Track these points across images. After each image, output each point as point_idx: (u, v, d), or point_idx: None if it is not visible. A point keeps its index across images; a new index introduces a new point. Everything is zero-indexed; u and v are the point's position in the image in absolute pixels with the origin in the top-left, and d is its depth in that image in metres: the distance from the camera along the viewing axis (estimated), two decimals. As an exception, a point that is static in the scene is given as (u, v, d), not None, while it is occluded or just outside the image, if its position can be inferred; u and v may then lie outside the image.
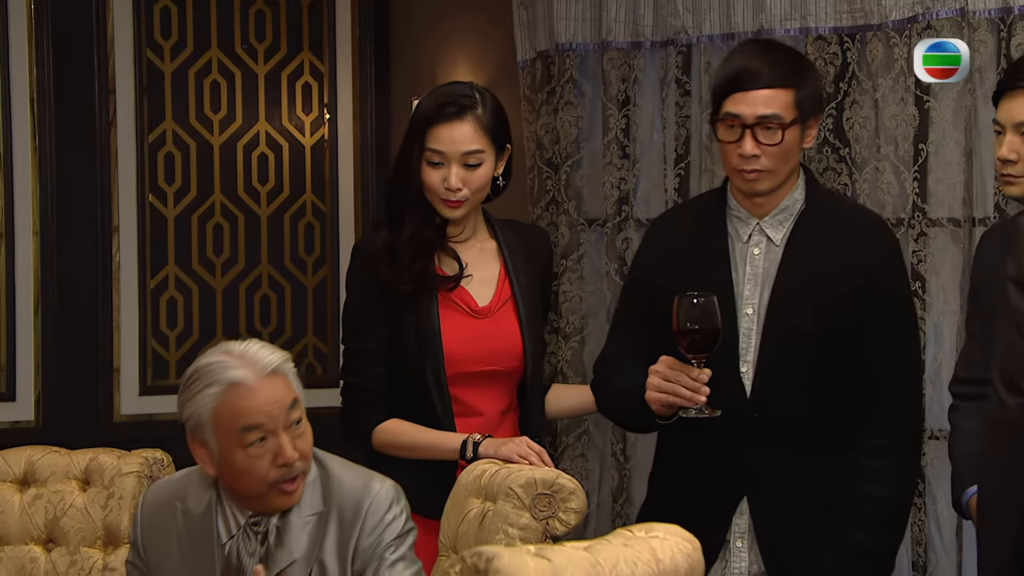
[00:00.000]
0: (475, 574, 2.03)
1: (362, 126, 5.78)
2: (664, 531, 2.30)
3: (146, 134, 5.54)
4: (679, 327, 3.08)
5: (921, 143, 3.98)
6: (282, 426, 2.74)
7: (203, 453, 2.79)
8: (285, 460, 2.72)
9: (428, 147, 3.36)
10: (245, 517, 2.80)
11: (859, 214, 3.43)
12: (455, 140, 3.34)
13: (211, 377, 2.74)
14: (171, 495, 2.89)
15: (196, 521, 2.82)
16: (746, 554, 3.24)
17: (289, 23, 5.71)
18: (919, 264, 3.98)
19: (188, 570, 2.81)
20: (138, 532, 2.89)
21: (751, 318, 3.23)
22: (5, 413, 5.34)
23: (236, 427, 2.72)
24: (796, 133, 3.19)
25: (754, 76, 3.17)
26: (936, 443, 3.95)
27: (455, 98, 3.38)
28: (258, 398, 2.72)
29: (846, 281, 3.21)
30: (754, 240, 3.27)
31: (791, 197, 3.27)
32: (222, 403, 2.72)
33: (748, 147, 3.17)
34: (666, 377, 3.14)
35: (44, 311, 5.37)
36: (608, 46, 4.62)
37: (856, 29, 4.11)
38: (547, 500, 3.04)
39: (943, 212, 3.96)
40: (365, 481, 2.82)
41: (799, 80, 3.20)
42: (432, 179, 3.36)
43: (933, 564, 3.98)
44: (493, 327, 3.45)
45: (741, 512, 3.24)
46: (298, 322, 5.75)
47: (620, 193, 4.64)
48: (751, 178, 3.20)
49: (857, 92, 4.11)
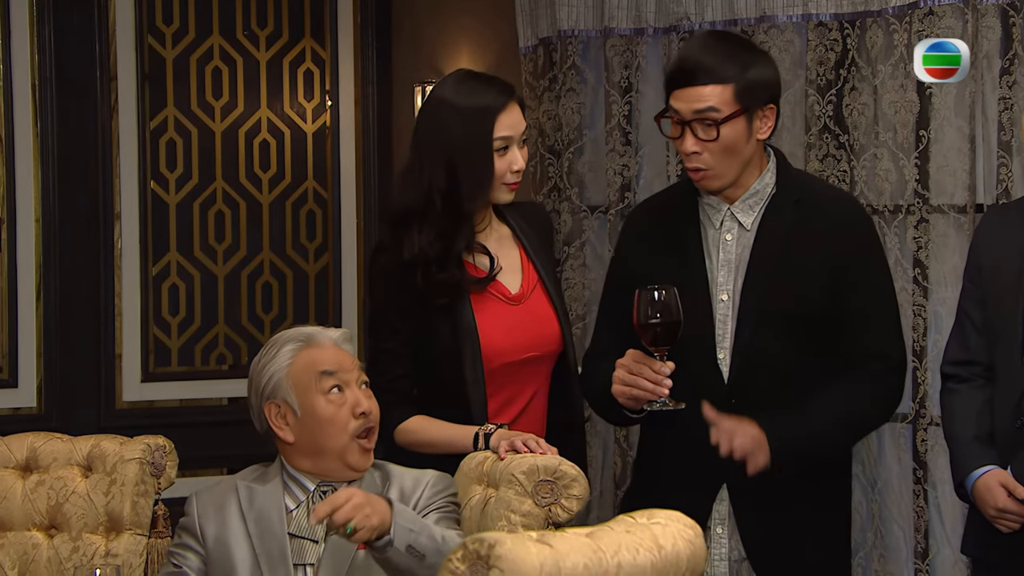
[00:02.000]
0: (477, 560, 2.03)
1: (364, 113, 5.77)
2: (666, 517, 2.30)
3: (148, 121, 5.54)
4: (640, 321, 3.09)
5: (922, 129, 3.97)
6: (355, 381, 2.98)
7: (281, 416, 2.97)
8: (363, 409, 2.95)
9: (498, 135, 3.35)
10: (314, 484, 2.96)
11: (831, 195, 3.44)
12: (515, 123, 3.38)
13: (287, 338, 3.02)
14: (230, 479, 3.04)
15: (262, 494, 2.97)
16: (726, 540, 3.25)
17: (291, 10, 5.70)
18: (919, 251, 3.98)
19: (253, 539, 2.93)
20: (194, 514, 2.99)
21: (726, 304, 3.23)
22: (7, 399, 5.35)
23: (314, 373, 2.95)
24: (738, 126, 3.17)
25: (691, 72, 3.18)
26: (937, 430, 3.95)
27: (498, 84, 3.41)
28: (331, 352, 3.00)
29: (819, 262, 3.21)
30: (726, 226, 3.27)
31: (761, 181, 3.27)
32: (299, 356, 2.98)
33: (688, 144, 3.19)
34: (630, 370, 3.15)
35: (46, 298, 5.38)
36: (610, 32, 4.62)
37: (857, 15, 4.10)
38: (549, 487, 3.05)
39: (945, 199, 3.95)
40: (422, 471, 3.03)
41: (738, 73, 3.17)
42: (501, 167, 3.37)
43: (934, 551, 3.98)
44: (529, 314, 3.44)
45: (721, 498, 3.25)
46: (300, 309, 5.75)
47: (623, 180, 4.63)
48: (697, 178, 3.23)
49: (856, 79, 4.11)
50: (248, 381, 3.04)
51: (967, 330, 3.27)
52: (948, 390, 3.32)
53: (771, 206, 3.26)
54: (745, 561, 3.25)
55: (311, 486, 2.97)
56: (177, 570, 2.97)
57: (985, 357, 3.23)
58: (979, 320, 3.24)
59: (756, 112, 3.19)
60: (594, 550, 2.12)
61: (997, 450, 3.19)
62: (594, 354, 3.44)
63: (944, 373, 3.34)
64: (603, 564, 2.11)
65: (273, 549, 2.90)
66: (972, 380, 3.26)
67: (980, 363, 3.25)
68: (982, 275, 3.25)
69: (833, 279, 3.20)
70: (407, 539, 2.72)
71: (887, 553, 4.07)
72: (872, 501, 4.09)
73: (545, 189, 4.74)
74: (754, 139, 3.21)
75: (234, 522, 2.95)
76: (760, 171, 3.26)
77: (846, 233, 3.25)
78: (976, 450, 3.20)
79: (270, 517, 2.94)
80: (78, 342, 5.43)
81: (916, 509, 3.98)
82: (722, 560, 3.24)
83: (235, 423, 5.53)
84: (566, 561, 2.07)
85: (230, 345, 5.68)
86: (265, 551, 2.91)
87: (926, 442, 3.97)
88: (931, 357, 3.97)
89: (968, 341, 3.26)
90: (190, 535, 2.99)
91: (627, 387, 3.15)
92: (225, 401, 5.67)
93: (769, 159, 3.29)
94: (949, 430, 3.31)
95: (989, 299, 3.23)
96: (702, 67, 3.16)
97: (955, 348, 3.32)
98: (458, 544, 2.09)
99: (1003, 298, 3.19)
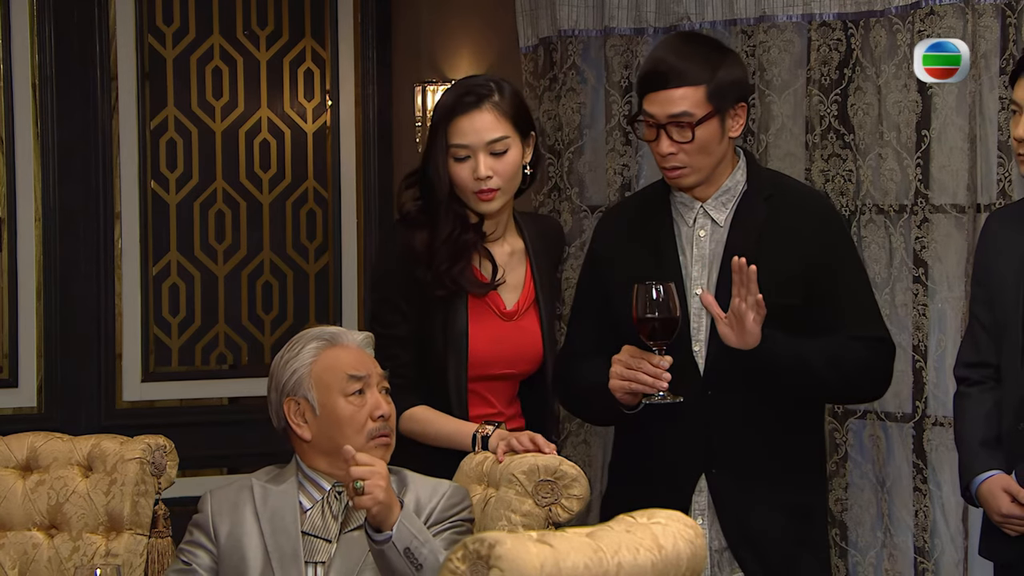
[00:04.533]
0: (477, 560, 2.03)
1: (364, 113, 5.77)
2: (666, 517, 2.29)
3: (148, 120, 5.53)
4: (638, 315, 3.12)
5: (924, 129, 3.97)
6: (376, 384, 3.00)
7: (300, 414, 2.99)
8: (383, 412, 2.98)
9: (452, 143, 3.31)
10: (330, 484, 2.97)
11: (801, 191, 3.51)
12: (477, 129, 3.29)
13: (311, 336, 3.04)
14: (245, 478, 3.05)
15: (276, 494, 2.99)
16: (707, 530, 3.27)
17: (291, 9, 5.70)
18: (922, 251, 3.98)
19: (265, 537, 2.94)
20: (208, 512, 3.00)
21: None
22: (7, 399, 5.35)
23: (339, 375, 2.98)
24: (712, 127, 3.23)
25: (663, 76, 3.22)
26: (940, 429, 3.95)
27: (471, 88, 3.34)
28: (356, 354, 3.03)
29: (790, 256, 3.26)
30: (699, 223, 3.32)
31: (732, 179, 3.32)
32: (324, 355, 3.00)
33: (664, 146, 3.23)
34: (628, 365, 3.17)
35: (46, 297, 5.38)
36: (611, 32, 4.61)
37: (859, 15, 4.10)
38: (550, 487, 3.05)
39: (946, 198, 3.95)
40: (439, 481, 3.03)
41: (708, 75, 3.22)
42: (461, 174, 3.31)
43: (938, 551, 3.98)
44: (517, 331, 3.44)
45: (700, 489, 3.28)
46: (300, 309, 5.75)
47: (623, 180, 4.63)
48: (673, 176, 3.27)
49: (861, 78, 4.10)
50: (269, 376, 3.06)
51: (977, 332, 3.28)
52: (960, 393, 3.32)
53: (743, 202, 3.31)
54: (726, 551, 3.28)
55: (327, 486, 2.98)
56: (187, 567, 2.98)
57: (995, 359, 3.24)
58: (988, 322, 3.24)
59: (728, 112, 3.25)
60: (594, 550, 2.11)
61: (1003, 454, 3.19)
62: (570, 355, 3.46)
63: (957, 376, 3.34)
64: (603, 564, 2.10)
65: (285, 547, 2.92)
66: (983, 383, 3.25)
67: (991, 365, 3.25)
68: (987, 277, 3.26)
69: (809, 272, 3.25)
70: (407, 542, 2.73)
71: (896, 552, 4.07)
72: (881, 500, 4.09)
73: (545, 189, 4.74)
74: (727, 138, 3.27)
75: (248, 520, 2.97)
76: (732, 169, 3.32)
77: (818, 226, 3.31)
78: (981, 454, 3.20)
79: (284, 516, 2.95)
80: (78, 342, 5.43)
81: (921, 509, 3.98)
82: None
83: (235, 423, 5.57)
84: (566, 561, 2.07)
85: (230, 345, 5.68)
86: (278, 549, 2.92)
87: (930, 441, 3.97)
88: (934, 356, 3.96)
89: (978, 343, 3.27)
90: (203, 532, 3.00)
91: (625, 381, 3.16)
92: (225, 401, 5.67)
93: (739, 158, 3.35)
94: (958, 433, 3.31)
95: (994, 301, 3.23)
96: (674, 70, 3.21)
97: (966, 351, 3.32)
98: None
99: (1006, 301, 3.19)
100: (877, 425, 4.09)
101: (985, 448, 3.21)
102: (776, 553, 3.28)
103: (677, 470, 3.28)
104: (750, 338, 3.14)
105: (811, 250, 3.27)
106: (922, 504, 3.97)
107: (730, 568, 3.28)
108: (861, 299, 3.32)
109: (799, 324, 3.23)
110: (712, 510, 3.28)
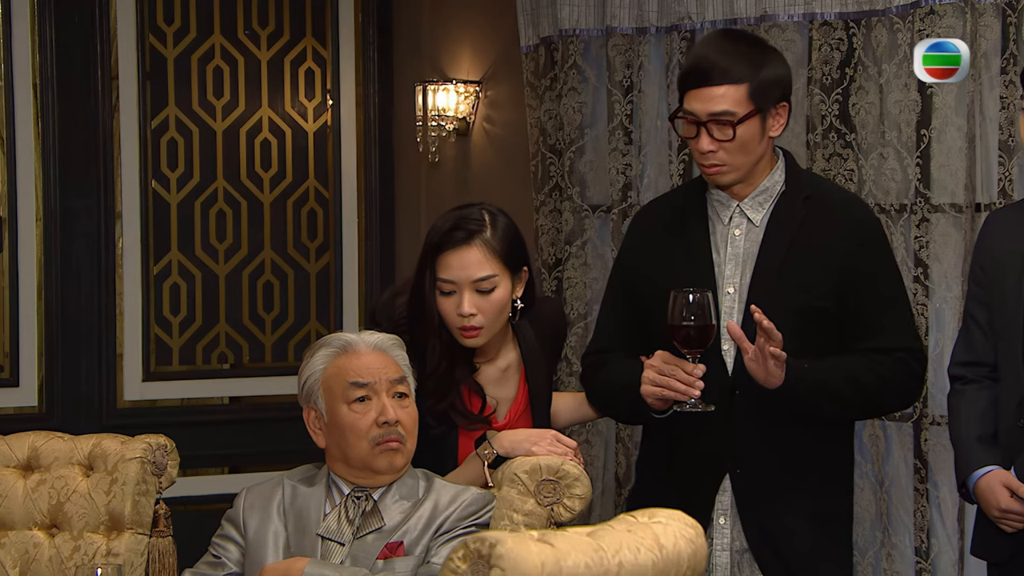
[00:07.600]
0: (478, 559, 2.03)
1: (365, 112, 5.77)
2: (667, 516, 2.30)
3: (149, 120, 5.53)
4: (673, 321, 3.10)
5: (924, 129, 3.97)
6: (386, 391, 2.98)
7: (314, 420, 3.03)
8: (387, 418, 2.96)
9: (439, 277, 3.22)
10: (349, 489, 3.00)
11: (840, 194, 3.46)
12: (464, 267, 3.20)
13: (326, 343, 3.05)
14: (279, 476, 3.09)
15: (304, 494, 3.02)
16: (728, 531, 3.26)
17: (292, 9, 5.70)
18: (921, 250, 3.98)
19: (289, 536, 2.98)
20: (240, 507, 3.05)
21: (732, 297, 3.25)
22: (8, 399, 5.35)
23: (343, 383, 2.98)
24: (753, 126, 3.20)
25: (706, 73, 3.19)
26: (939, 429, 3.95)
27: (462, 222, 3.23)
28: (364, 360, 3.00)
29: (829, 259, 3.23)
30: (735, 222, 3.29)
31: (771, 179, 3.29)
32: (333, 363, 3.01)
33: (704, 144, 3.20)
34: (661, 371, 3.16)
35: (47, 297, 5.38)
36: (612, 32, 4.62)
37: (861, 15, 4.10)
38: (552, 486, 3.05)
39: (945, 198, 3.96)
40: (463, 488, 3.03)
41: (752, 73, 3.19)
42: (447, 308, 3.23)
43: (936, 550, 3.98)
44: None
45: (724, 489, 3.26)
46: (301, 308, 5.75)
47: (625, 179, 4.63)
48: (712, 172, 3.24)
49: (863, 78, 4.11)
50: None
51: (972, 331, 3.28)
52: (954, 391, 3.32)
53: (781, 203, 3.27)
54: (747, 552, 3.26)
55: (346, 490, 3.01)
56: (216, 560, 3.03)
57: (991, 358, 3.24)
58: (984, 321, 3.25)
59: (770, 111, 3.21)
60: (595, 549, 2.12)
61: (1001, 450, 3.19)
62: (598, 352, 3.44)
63: (951, 375, 3.34)
64: (604, 563, 2.11)
65: (305, 547, 2.95)
66: (978, 381, 3.26)
67: (986, 364, 3.25)
68: (985, 277, 3.26)
69: (844, 276, 3.22)
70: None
71: (894, 552, 4.07)
72: (881, 500, 4.09)
73: (546, 188, 4.74)
74: (767, 136, 3.23)
75: (274, 517, 3.01)
76: (771, 168, 3.29)
77: (856, 231, 3.26)
78: (979, 450, 3.20)
79: (308, 516, 2.99)
80: (79, 341, 5.43)
81: (919, 508, 3.98)
82: (724, 551, 3.25)
83: (236, 422, 5.57)
84: (567, 560, 2.07)
85: (231, 344, 5.68)
86: (299, 548, 2.95)
87: (928, 441, 3.97)
88: (933, 356, 3.97)
89: (974, 342, 3.27)
90: (233, 526, 3.04)
91: (658, 388, 3.16)
92: (226, 400, 5.67)
93: (778, 158, 3.31)
94: (954, 431, 3.31)
95: (992, 300, 3.23)
96: (717, 68, 3.18)
97: (961, 349, 3.32)
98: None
99: (1005, 299, 3.19)
100: (876, 425, 4.09)
101: (982, 444, 3.21)
102: (797, 558, 3.25)
103: (702, 469, 3.26)
104: (772, 379, 3.12)
105: (846, 254, 3.23)
106: (920, 504, 3.97)
107: (750, 569, 3.26)
108: (894, 307, 3.27)
109: (832, 327, 3.21)
110: (735, 510, 3.25)
